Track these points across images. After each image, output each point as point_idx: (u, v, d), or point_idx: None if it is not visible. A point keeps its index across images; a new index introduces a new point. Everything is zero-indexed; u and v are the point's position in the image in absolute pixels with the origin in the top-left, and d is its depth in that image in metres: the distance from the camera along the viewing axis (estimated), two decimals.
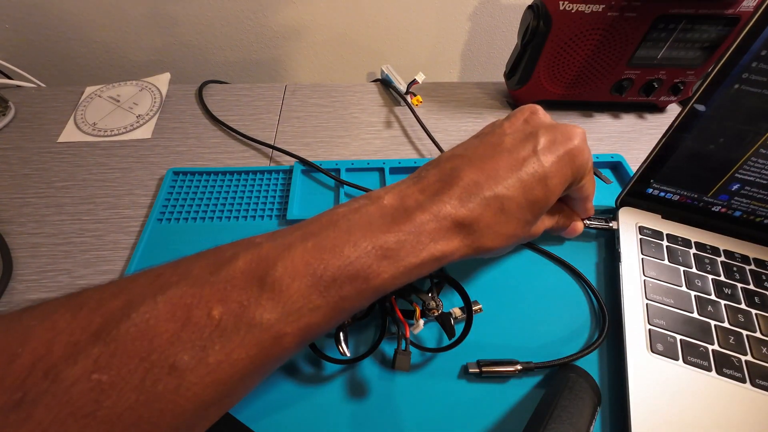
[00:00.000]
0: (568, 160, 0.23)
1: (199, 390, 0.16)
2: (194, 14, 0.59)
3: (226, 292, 0.17)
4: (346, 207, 0.21)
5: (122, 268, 0.31)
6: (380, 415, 0.24)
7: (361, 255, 0.19)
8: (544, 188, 0.22)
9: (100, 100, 0.45)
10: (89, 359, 0.15)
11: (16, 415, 0.14)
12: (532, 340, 0.27)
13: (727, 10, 0.38)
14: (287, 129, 0.43)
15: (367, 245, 0.19)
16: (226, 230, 0.33)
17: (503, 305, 0.29)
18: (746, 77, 0.26)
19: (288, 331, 0.18)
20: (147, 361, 0.15)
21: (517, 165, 0.22)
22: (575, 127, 0.24)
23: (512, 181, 0.22)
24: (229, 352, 0.16)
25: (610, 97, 0.45)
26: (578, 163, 0.24)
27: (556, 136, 0.23)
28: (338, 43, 0.64)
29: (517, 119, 0.25)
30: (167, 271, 0.18)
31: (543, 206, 0.23)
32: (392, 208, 0.21)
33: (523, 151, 0.23)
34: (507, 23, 0.64)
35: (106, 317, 0.16)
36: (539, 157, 0.22)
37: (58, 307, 0.16)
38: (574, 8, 0.37)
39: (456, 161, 0.23)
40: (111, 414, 0.14)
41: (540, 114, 0.25)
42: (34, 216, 0.34)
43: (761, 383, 0.24)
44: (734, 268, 0.29)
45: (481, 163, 0.22)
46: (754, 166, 0.28)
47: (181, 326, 0.16)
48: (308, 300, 0.18)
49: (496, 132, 0.25)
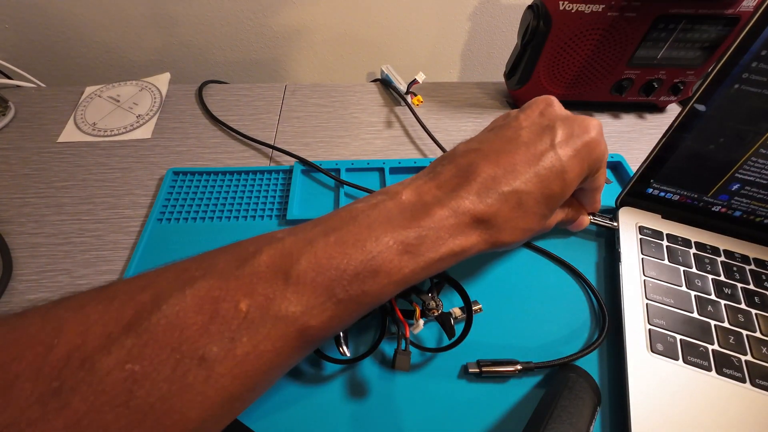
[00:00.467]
0: (586, 154, 0.23)
1: (227, 382, 0.16)
2: (194, 14, 0.59)
3: (252, 286, 0.17)
4: (364, 203, 0.21)
5: (122, 268, 0.31)
6: (380, 415, 0.24)
7: (382, 250, 0.19)
8: (562, 182, 0.22)
9: (100, 100, 0.45)
10: (123, 350, 0.15)
11: (56, 403, 0.14)
12: (532, 340, 0.27)
13: (727, 10, 0.38)
14: (287, 129, 0.43)
15: (388, 240, 0.19)
16: (226, 230, 0.33)
17: (503, 305, 0.29)
18: (746, 77, 0.26)
19: (312, 324, 0.18)
20: (178, 352, 0.15)
21: (535, 159, 0.22)
22: (591, 119, 0.24)
23: (530, 176, 0.22)
24: (256, 344, 0.17)
25: (610, 97, 0.45)
26: (595, 156, 0.24)
27: (573, 129, 0.23)
28: (338, 43, 0.64)
29: (532, 111, 0.25)
30: (192, 266, 0.18)
31: (559, 200, 0.23)
32: (411, 203, 0.21)
33: (540, 145, 0.22)
34: (507, 23, 0.64)
35: (137, 309, 0.16)
36: (557, 151, 0.22)
37: (90, 299, 0.17)
38: (574, 8, 0.37)
39: (472, 156, 0.23)
40: (144, 404, 0.15)
41: (556, 106, 0.25)
42: (34, 216, 0.34)
43: (761, 383, 0.24)
44: (734, 268, 0.29)
45: (498, 157, 0.22)
46: (754, 166, 0.28)
47: (209, 318, 0.16)
48: (332, 293, 0.18)
49: (511, 125, 0.24)
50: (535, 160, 0.22)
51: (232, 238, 0.19)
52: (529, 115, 0.25)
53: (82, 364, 0.15)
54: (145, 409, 0.15)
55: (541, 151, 0.22)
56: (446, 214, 0.20)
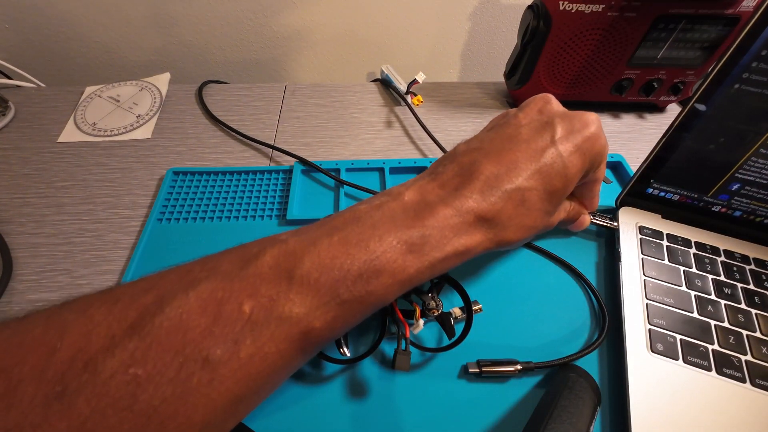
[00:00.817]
0: (587, 148, 0.23)
1: (232, 384, 0.16)
2: (194, 14, 0.59)
3: (255, 287, 0.17)
4: (366, 204, 0.21)
5: (122, 268, 0.31)
6: (380, 415, 0.24)
7: (386, 249, 0.19)
8: (564, 178, 0.22)
9: (100, 100, 0.45)
10: (126, 352, 0.15)
11: (59, 406, 0.14)
12: (532, 340, 0.27)
13: (727, 10, 0.38)
14: (287, 129, 0.43)
15: (392, 240, 0.19)
16: (226, 230, 0.33)
17: (503, 305, 0.29)
18: (746, 77, 0.26)
19: (317, 326, 0.18)
20: (181, 355, 0.15)
21: (536, 156, 0.22)
22: (590, 114, 0.24)
23: (532, 173, 0.22)
24: (260, 345, 0.17)
25: (610, 97, 0.45)
26: (596, 150, 0.23)
27: (573, 124, 0.23)
28: (338, 43, 0.64)
29: (531, 109, 0.25)
30: (196, 267, 0.18)
31: (562, 196, 0.23)
32: (414, 203, 0.21)
33: (541, 142, 0.22)
34: (507, 23, 0.64)
35: (141, 311, 0.16)
36: (557, 147, 0.22)
37: (93, 301, 0.17)
38: (574, 8, 0.37)
39: (474, 155, 0.22)
40: (148, 407, 0.15)
41: (554, 103, 0.25)
42: (34, 216, 0.34)
43: (761, 383, 0.24)
44: (734, 267, 0.29)
45: (499, 155, 0.22)
46: (754, 166, 0.28)
47: (213, 320, 0.16)
48: (336, 294, 0.18)
49: (511, 123, 0.24)
50: (537, 156, 0.22)
51: (232, 238, 0.19)
52: (528, 113, 0.25)
53: (85, 367, 0.15)
54: (149, 412, 0.15)
55: (542, 148, 0.22)
56: (450, 213, 0.20)
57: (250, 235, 0.33)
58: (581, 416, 0.22)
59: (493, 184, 0.21)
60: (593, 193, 0.29)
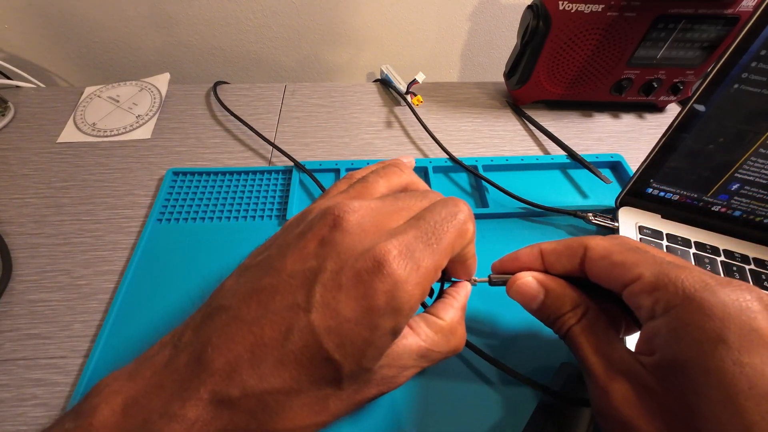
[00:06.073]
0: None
1: None
2: (194, 14, 0.59)
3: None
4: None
5: (122, 268, 0.31)
6: (380, 415, 0.24)
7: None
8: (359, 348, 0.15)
9: (99, 100, 0.45)
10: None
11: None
12: (533, 340, 0.27)
13: (727, 10, 0.38)
14: (287, 129, 0.43)
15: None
16: (225, 230, 0.33)
17: (503, 305, 0.29)
18: (746, 77, 0.26)
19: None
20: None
21: (285, 334, 0.15)
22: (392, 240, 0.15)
23: (279, 365, 0.14)
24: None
25: (609, 97, 0.45)
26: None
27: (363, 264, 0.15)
28: (338, 43, 0.64)
29: (308, 242, 0.16)
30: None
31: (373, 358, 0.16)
32: (116, 425, 0.14)
33: (299, 307, 0.15)
34: (507, 23, 0.64)
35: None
36: (313, 317, 0.14)
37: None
38: (573, 8, 0.37)
39: (216, 322, 0.16)
40: None
41: (350, 222, 0.16)
42: (34, 216, 0.34)
43: None
44: (734, 267, 0.29)
45: (247, 327, 0.15)
46: (754, 165, 0.28)
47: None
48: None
49: (273, 267, 0.16)
50: (285, 335, 0.14)
51: (232, 238, 0.19)
52: (303, 247, 0.16)
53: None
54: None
55: (294, 323, 0.14)
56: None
57: (249, 235, 0.33)
58: (581, 416, 0.22)
59: (226, 386, 0.14)
60: (468, 268, 0.21)
